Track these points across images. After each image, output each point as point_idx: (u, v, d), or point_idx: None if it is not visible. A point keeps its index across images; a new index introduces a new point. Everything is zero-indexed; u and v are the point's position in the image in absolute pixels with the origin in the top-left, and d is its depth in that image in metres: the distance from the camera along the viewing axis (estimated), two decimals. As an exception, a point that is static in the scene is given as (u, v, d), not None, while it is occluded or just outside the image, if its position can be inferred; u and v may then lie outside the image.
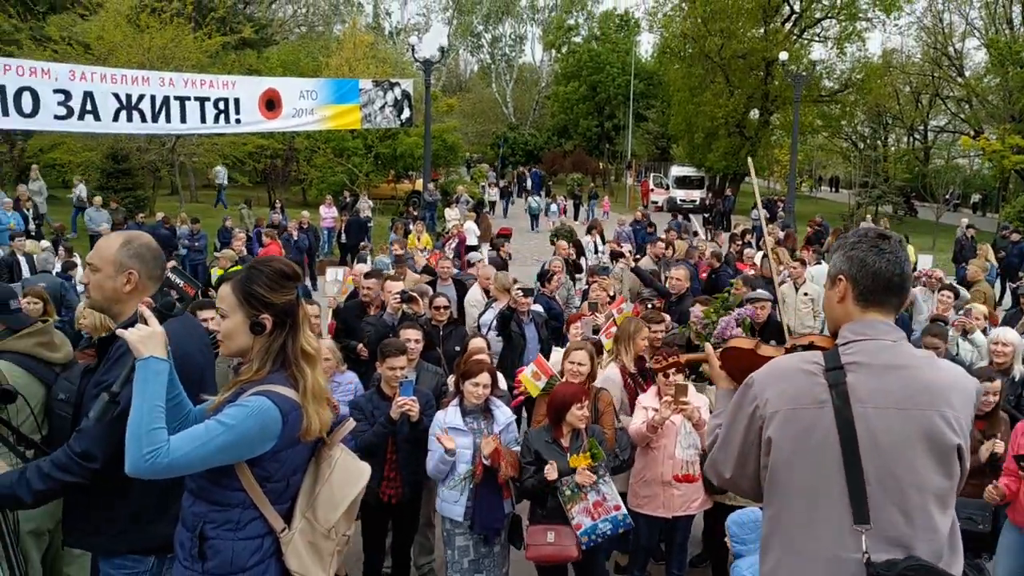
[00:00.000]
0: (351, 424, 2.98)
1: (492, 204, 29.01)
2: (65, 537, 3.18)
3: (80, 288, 8.04)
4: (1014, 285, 11.50)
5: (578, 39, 58.22)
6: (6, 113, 14.40)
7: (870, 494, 2.12)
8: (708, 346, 2.95)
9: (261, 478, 2.54)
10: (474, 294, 9.23)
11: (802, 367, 2.26)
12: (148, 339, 2.44)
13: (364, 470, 2.84)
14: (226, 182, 30.33)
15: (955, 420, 2.17)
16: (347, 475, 2.75)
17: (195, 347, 3.06)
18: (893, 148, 43.26)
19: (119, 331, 2.54)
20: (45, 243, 14.75)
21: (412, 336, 5.81)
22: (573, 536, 4.60)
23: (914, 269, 14.55)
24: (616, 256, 11.32)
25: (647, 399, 5.41)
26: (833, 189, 59.13)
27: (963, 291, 9.37)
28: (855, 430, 2.14)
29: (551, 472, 4.56)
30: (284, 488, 2.62)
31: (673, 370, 3.86)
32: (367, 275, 8.27)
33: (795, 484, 2.22)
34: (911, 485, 2.14)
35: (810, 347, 2.43)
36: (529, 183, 41.35)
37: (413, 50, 25.71)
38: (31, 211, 18.79)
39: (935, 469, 2.16)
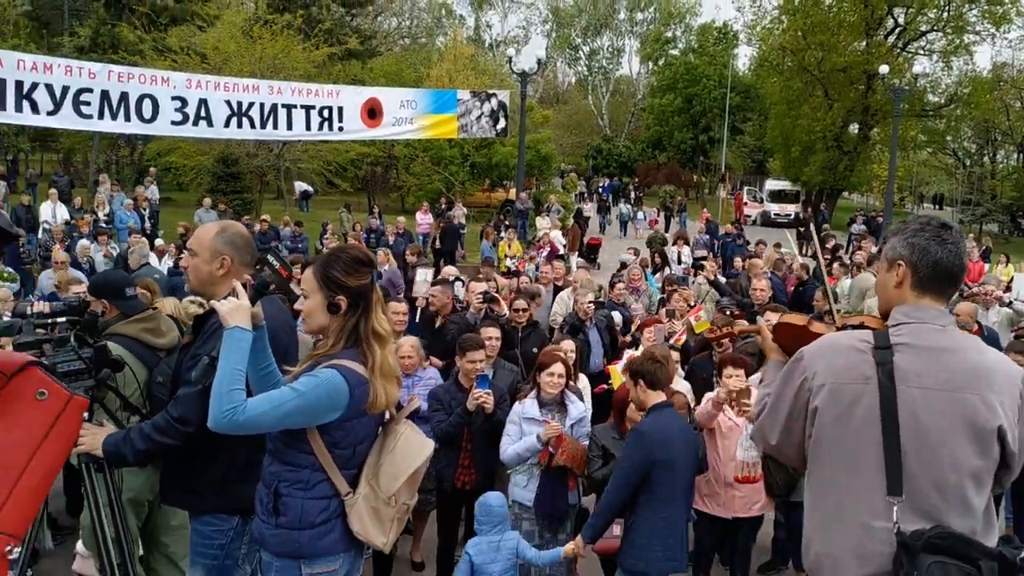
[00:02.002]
0: (417, 402, 3.26)
1: (587, 219, 28.87)
2: (162, 496, 3.51)
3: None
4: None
5: (675, 52, 57.82)
6: (128, 119, 15.31)
7: (906, 468, 2.21)
8: (761, 320, 3.08)
9: (329, 444, 2.80)
10: (562, 297, 9.52)
11: (852, 344, 2.35)
12: (235, 311, 2.74)
13: (427, 445, 3.07)
14: (310, 190, 31.16)
15: (998, 404, 2.23)
16: (410, 448, 2.98)
17: (280, 326, 3.33)
18: (1001, 165, 41.38)
19: (213, 303, 2.86)
20: (159, 241, 15.71)
21: (491, 333, 6.11)
22: None
23: (1008, 288, 14.08)
24: (698, 267, 11.40)
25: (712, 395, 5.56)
26: (936, 206, 56.86)
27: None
28: (897, 408, 2.23)
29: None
30: (350, 455, 2.87)
31: (727, 340, 3.93)
32: (433, 283, 8.55)
33: (836, 455, 2.32)
34: (948, 465, 2.22)
35: (860, 326, 2.51)
36: (606, 194, 41.27)
37: (511, 62, 26.12)
38: (147, 211, 19.95)
39: (973, 451, 2.23)
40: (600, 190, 42.52)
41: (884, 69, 27.52)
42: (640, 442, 4.33)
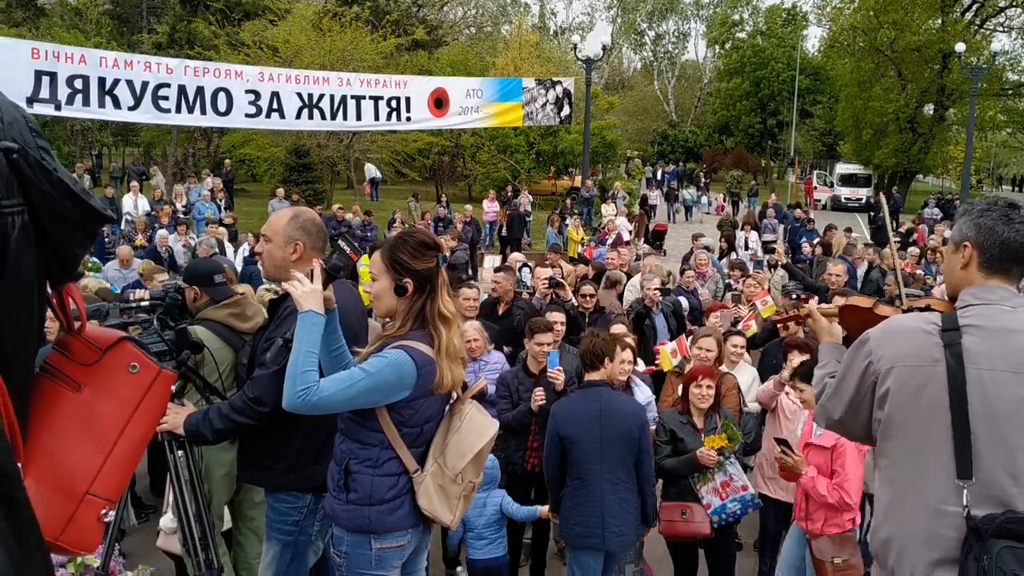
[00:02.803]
0: (482, 382, 3.33)
1: (654, 206, 28.56)
2: (240, 473, 3.64)
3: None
4: None
5: (742, 35, 56.59)
6: (204, 112, 15.80)
7: (976, 452, 2.18)
8: (811, 304, 3.02)
9: (397, 422, 2.89)
10: (634, 283, 9.54)
11: (919, 326, 2.33)
12: (309, 295, 2.82)
13: (492, 425, 3.14)
14: (379, 176, 31.50)
15: None
16: (475, 428, 3.05)
17: (351, 310, 3.40)
18: (1087, 144, 39.57)
19: (286, 285, 2.95)
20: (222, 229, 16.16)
21: (557, 318, 6.16)
22: (704, 513, 4.72)
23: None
24: (769, 251, 11.24)
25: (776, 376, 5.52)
26: (1016, 188, 54.62)
27: None
28: (966, 390, 2.20)
29: (706, 458, 4.71)
30: (418, 434, 2.96)
31: (792, 324, 3.91)
32: (496, 269, 8.60)
33: (905, 438, 2.31)
34: (1020, 447, 2.19)
35: (927, 309, 2.47)
36: (670, 180, 40.84)
37: (576, 48, 26.04)
38: (223, 202, 20.53)
39: None
40: (664, 176, 42.11)
41: (960, 47, 26.57)
42: (551, 419, 4.46)
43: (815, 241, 13.69)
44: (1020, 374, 2.21)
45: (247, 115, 16.45)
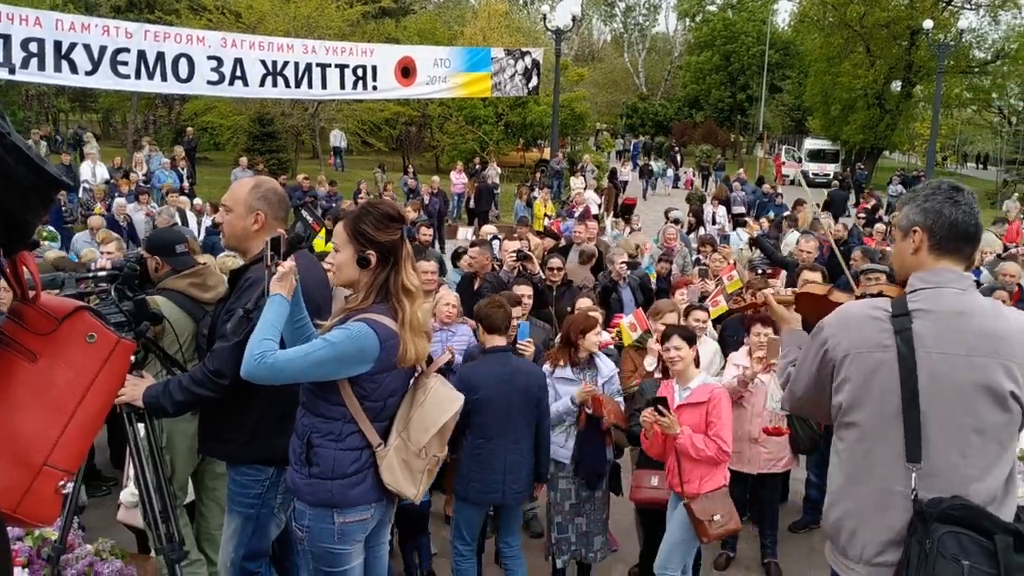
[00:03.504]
0: (447, 356, 3.31)
1: (624, 184, 28.44)
2: (200, 446, 3.59)
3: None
4: None
5: (713, 8, 56.54)
6: (164, 79, 15.39)
7: (927, 436, 2.22)
8: (768, 292, 3.07)
9: (360, 396, 2.85)
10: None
11: (869, 313, 2.37)
12: (281, 280, 2.82)
13: (456, 399, 3.12)
14: (343, 145, 31.07)
15: (1018, 370, 2.24)
16: (440, 402, 3.04)
17: (313, 282, 3.36)
18: (1050, 123, 40.23)
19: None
20: (197, 200, 15.91)
21: (524, 291, 6.15)
22: None
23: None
24: (740, 225, 11.30)
25: (739, 357, 5.61)
26: (980, 166, 55.41)
27: None
28: (917, 375, 2.24)
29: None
30: (381, 408, 2.93)
31: (750, 311, 3.99)
32: (472, 244, 8.54)
33: (860, 423, 2.35)
34: (971, 428, 2.23)
35: (879, 295, 2.51)
36: (635, 153, 40.98)
37: (545, 19, 25.82)
38: (184, 171, 20.18)
39: (995, 415, 2.24)
40: (632, 148, 42.20)
41: (928, 24, 26.82)
42: (458, 383, 4.40)
43: (783, 215, 13.80)
44: (970, 357, 2.24)
45: (209, 82, 16.08)
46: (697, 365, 4.75)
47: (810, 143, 41.13)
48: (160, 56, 15.15)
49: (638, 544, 5.62)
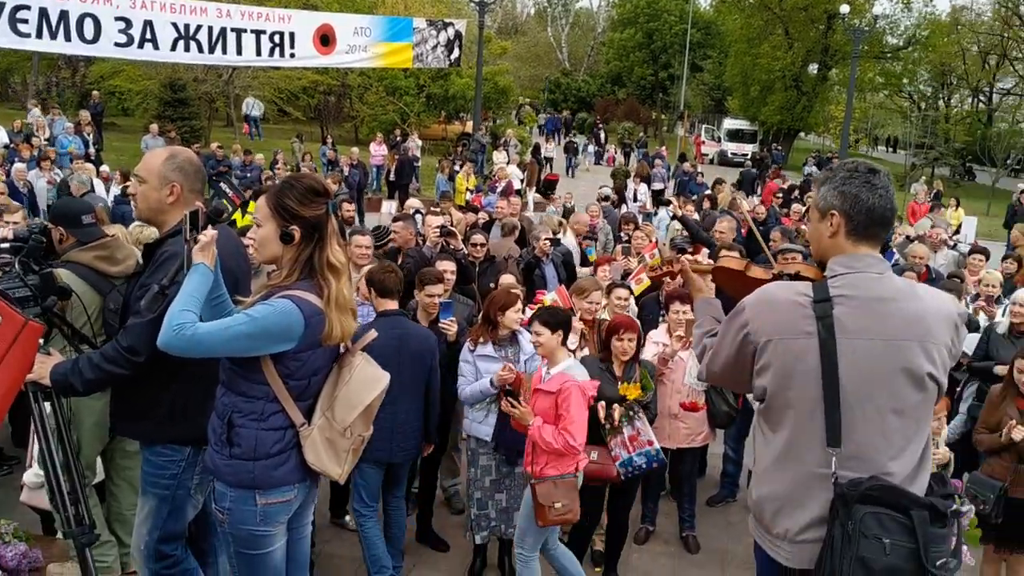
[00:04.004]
0: (372, 335, 3.23)
1: (549, 160, 28.35)
2: (112, 426, 3.47)
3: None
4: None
5: (636, -16, 57.01)
6: (68, 38, 14.61)
7: (849, 420, 2.27)
8: (684, 260, 3.04)
9: (284, 375, 2.78)
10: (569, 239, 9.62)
11: (792, 298, 2.37)
12: (204, 249, 2.74)
13: (382, 377, 3.05)
14: (257, 113, 30.22)
15: (935, 350, 2.32)
16: (365, 380, 2.97)
17: (231, 256, 3.25)
18: (955, 109, 41.98)
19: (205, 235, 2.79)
20: (104, 168, 15.25)
21: (448, 267, 6.08)
22: (612, 460, 4.84)
23: (957, 231, 14.41)
24: (662, 203, 11.42)
25: (658, 334, 5.67)
26: (890, 149, 57.45)
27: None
28: (838, 360, 2.27)
29: (615, 414, 4.82)
30: (305, 387, 2.86)
31: (668, 278, 3.98)
32: (395, 218, 8.41)
33: (783, 406, 2.38)
34: (891, 410, 2.30)
35: (797, 276, 2.54)
36: (549, 129, 41.24)
37: (469, -10, 25.55)
38: (91, 136, 19.31)
39: (914, 396, 2.31)
40: (548, 123, 42.38)
41: (845, 8, 27.58)
42: None
43: (703, 195, 14.05)
44: (890, 341, 2.29)
45: (117, 44, 15.34)
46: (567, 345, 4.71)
47: (729, 123, 41.85)
48: (64, 15, 14.39)
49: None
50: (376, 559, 4.74)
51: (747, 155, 36.83)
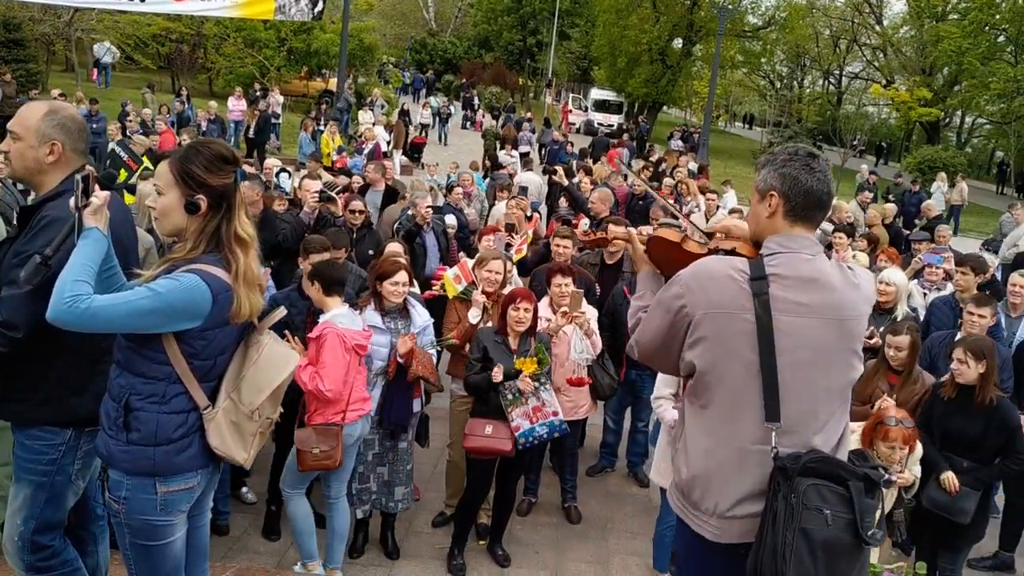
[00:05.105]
0: (281, 311, 3.06)
1: (423, 127, 27.67)
2: None
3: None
4: (908, 232, 12.13)
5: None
6: None
7: (784, 396, 2.33)
8: (632, 230, 3.00)
9: (188, 354, 2.60)
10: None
11: (729, 273, 2.39)
12: (97, 212, 2.52)
13: (292, 357, 2.91)
14: (109, 59, 28.29)
15: (860, 328, 2.43)
16: (274, 360, 2.82)
17: (120, 224, 3.03)
18: (808, 90, 44.31)
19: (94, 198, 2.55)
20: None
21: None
22: (509, 432, 4.82)
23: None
24: (549, 172, 11.44)
25: (541, 308, 5.54)
26: (747, 126, 60.02)
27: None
28: (774, 337, 2.32)
29: (497, 375, 4.78)
30: (211, 367, 2.68)
31: (595, 248, 3.93)
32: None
33: (716, 382, 2.40)
34: (823, 387, 2.38)
35: (732, 252, 2.55)
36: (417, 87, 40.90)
37: (335, -58, 24.65)
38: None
39: (845, 371, 2.42)
40: (412, 84, 41.85)
41: (711, -14, 28.36)
42: None
43: (575, 164, 14.19)
44: (824, 318, 2.37)
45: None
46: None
47: (596, 93, 42.34)
48: None
49: (444, 492, 5.67)
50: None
51: (613, 126, 37.27)
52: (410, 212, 7.95)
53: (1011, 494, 5.67)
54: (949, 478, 4.50)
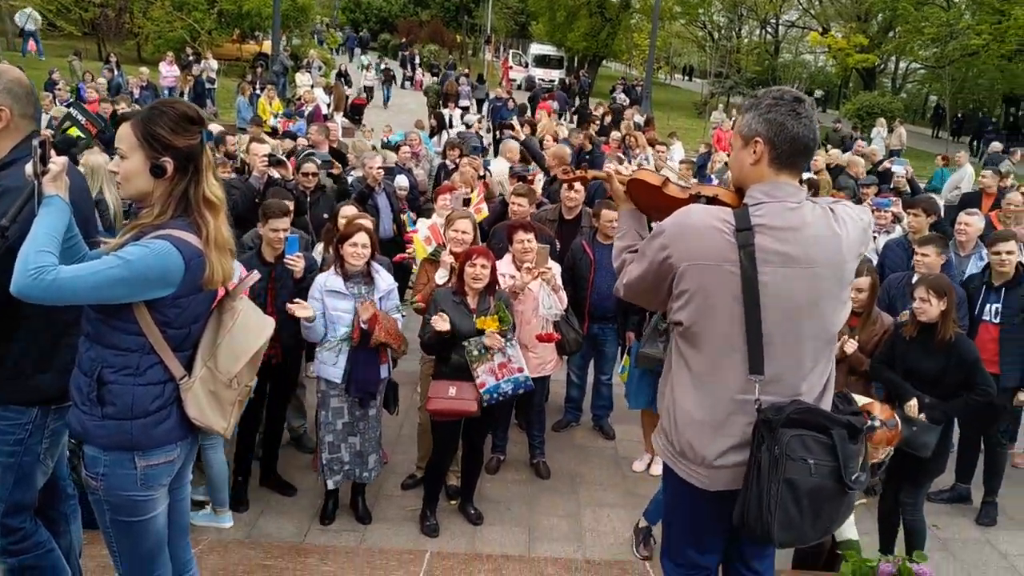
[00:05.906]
0: (255, 276, 2.97)
1: (369, 89, 27.08)
2: None
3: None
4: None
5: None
6: None
7: (768, 347, 2.32)
8: (609, 168, 2.96)
9: (161, 324, 2.51)
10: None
11: (714, 224, 2.34)
12: (57, 179, 2.42)
13: (267, 323, 2.85)
14: (32, 27, 26.92)
15: (849, 274, 2.42)
16: (250, 326, 2.75)
17: (76, 190, 2.80)
18: (746, 40, 44.46)
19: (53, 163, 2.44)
20: None
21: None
22: (474, 392, 4.78)
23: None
24: (504, 128, 11.34)
25: (503, 266, 5.51)
26: (687, 78, 60.12)
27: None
28: (759, 289, 2.29)
29: (437, 323, 4.68)
30: (185, 335, 2.60)
31: (577, 183, 3.79)
32: None
33: (703, 333, 2.39)
34: (810, 336, 2.37)
35: (713, 200, 2.50)
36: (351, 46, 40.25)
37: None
38: None
39: (831, 317, 2.41)
40: (346, 43, 41.00)
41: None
42: None
43: (520, 119, 14.06)
44: (810, 268, 2.34)
45: None
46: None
47: (536, 48, 41.97)
48: None
49: (416, 453, 5.65)
50: None
51: (554, 81, 36.89)
52: (360, 174, 7.83)
53: (964, 428, 5.85)
54: (913, 405, 4.60)
